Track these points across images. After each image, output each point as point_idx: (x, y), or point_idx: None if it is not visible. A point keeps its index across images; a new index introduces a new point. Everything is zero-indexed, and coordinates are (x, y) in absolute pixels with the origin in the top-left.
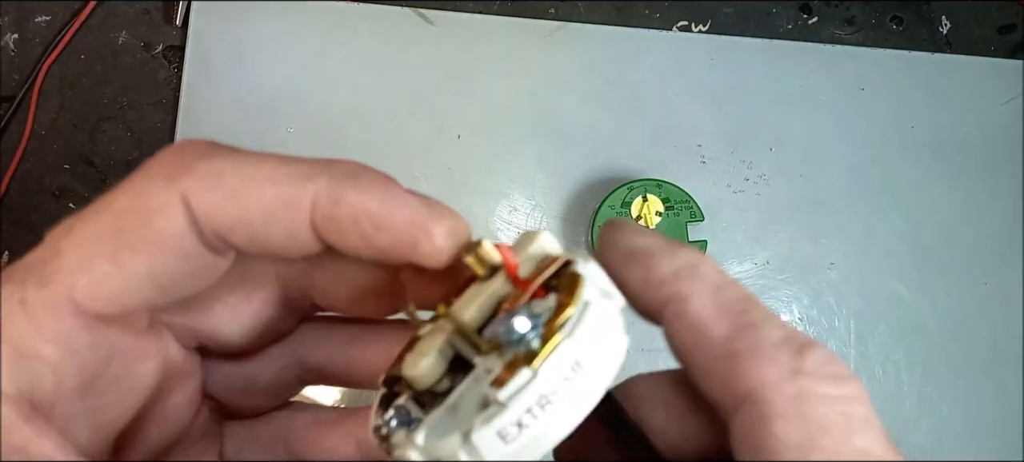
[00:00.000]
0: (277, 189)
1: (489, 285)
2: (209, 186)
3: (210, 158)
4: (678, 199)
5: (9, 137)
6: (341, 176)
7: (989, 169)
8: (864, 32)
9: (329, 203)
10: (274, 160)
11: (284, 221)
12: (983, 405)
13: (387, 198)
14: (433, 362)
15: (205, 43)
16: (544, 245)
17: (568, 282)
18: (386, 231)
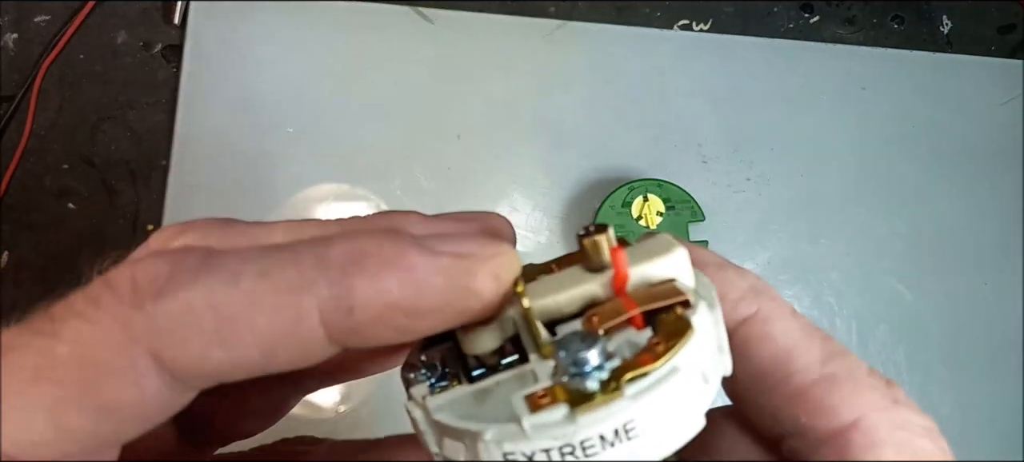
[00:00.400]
0: (269, 319)
1: (587, 281)
2: (181, 337)
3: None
4: (679, 199)
5: (9, 137)
6: (342, 271)
7: (989, 169)
8: (865, 31)
9: (340, 315)
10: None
11: (290, 349)
12: (983, 405)
13: (408, 277)
14: (487, 336)
15: (204, 42)
16: (675, 267)
17: (672, 327)
18: (422, 315)
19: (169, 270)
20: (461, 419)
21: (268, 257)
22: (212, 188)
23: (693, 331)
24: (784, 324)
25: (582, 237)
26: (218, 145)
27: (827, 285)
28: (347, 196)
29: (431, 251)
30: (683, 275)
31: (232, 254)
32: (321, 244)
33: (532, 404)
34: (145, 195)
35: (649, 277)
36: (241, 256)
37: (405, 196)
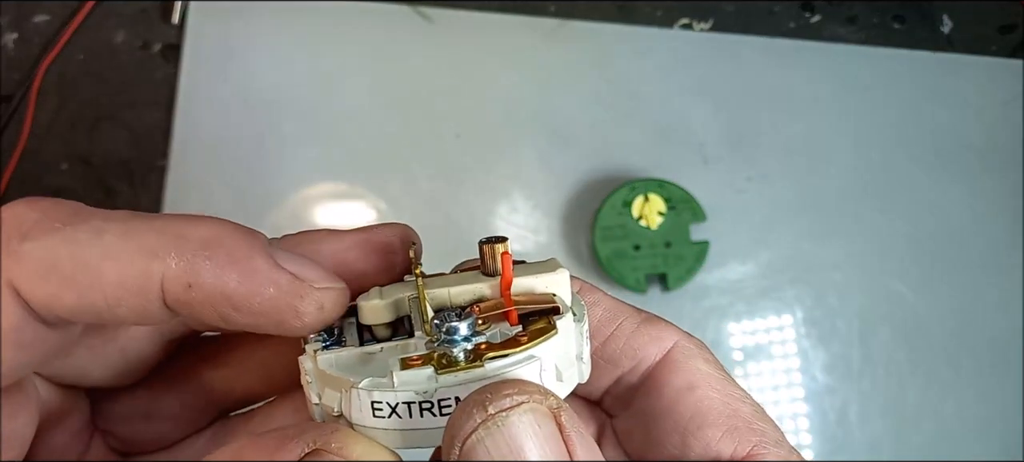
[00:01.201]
0: (119, 272)
1: (479, 281)
2: (40, 274)
3: (38, 237)
4: (680, 199)
5: (8, 136)
6: (194, 252)
7: (990, 169)
8: (866, 31)
9: (180, 288)
10: (117, 230)
11: (131, 305)
12: (984, 406)
13: (248, 278)
14: (381, 308)
15: (202, 42)
16: (557, 284)
17: (539, 327)
18: (247, 313)
19: (37, 217)
20: (341, 371)
21: (133, 221)
22: (210, 188)
23: (556, 332)
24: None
25: (483, 244)
26: (216, 145)
27: (829, 285)
28: (346, 196)
29: (275, 264)
30: (563, 293)
31: (101, 213)
32: (188, 221)
33: (404, 364)
34: (143, 195)
35: (533, 288)
36: (107, 215)
37: (405, 196)
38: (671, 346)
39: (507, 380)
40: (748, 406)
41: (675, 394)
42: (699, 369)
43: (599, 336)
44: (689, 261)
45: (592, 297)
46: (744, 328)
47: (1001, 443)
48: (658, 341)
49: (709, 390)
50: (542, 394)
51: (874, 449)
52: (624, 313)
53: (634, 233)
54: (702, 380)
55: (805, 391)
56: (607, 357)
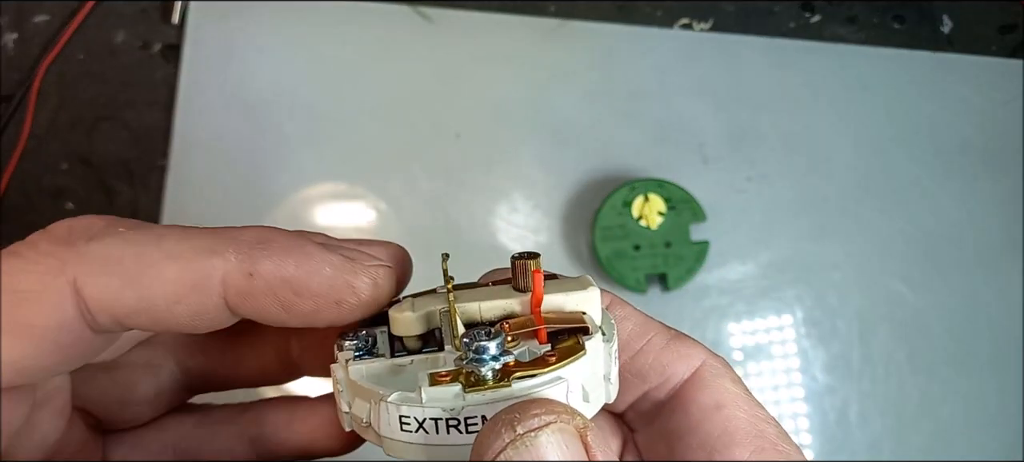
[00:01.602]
0: (181, 269)
1: (510, 297)
2: (103, 270)
3: (102, 239)
4: (680, 198)
5: (8, 137)
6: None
7: (990, 169)
8: (866, 31)
9: (242, 277)
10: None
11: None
12: (985, 405)
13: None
14: (412, 321)
15: (203, 42)
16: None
17: (568, 347)
18: (307, 295)
19: (104, 224)
20: (371, 382)
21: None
22: (210, 188)
23: (584, 352)
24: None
25: (515, 260)
26: (216, 145)
27: (829, 285)
28: (346, 196)
29: (327, 248)
30: (593, 311)
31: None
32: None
33: (433, 380)
34: (143, 195)
35: (563, 306)
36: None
37: (404, 196)
38: (699, 364)
39: (535, 399)
40: (773, 427)
41: (702, 412)
42: (727, 389)
43: (628, 350)
44: (689, 261)
45: (622, 311)
46: (744, 328)
47: (1001, 443)
48: (687, 359)
49: (737, 410)
50: (570, 414)
51: (874, 449)
52: (653, 329)
53: (634, 233)
54: (730, 399)
55: (805, 391)
56: (636, 372)
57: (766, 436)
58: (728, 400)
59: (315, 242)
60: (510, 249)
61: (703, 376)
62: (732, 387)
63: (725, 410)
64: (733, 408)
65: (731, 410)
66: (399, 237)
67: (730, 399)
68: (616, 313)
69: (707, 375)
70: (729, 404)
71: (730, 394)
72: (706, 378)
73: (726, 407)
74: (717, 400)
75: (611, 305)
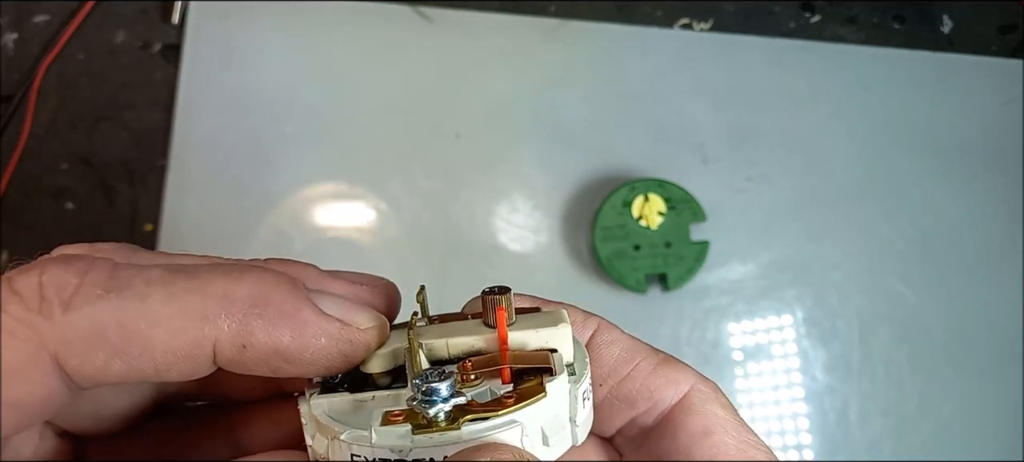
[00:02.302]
0: (170, 338)
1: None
2: (87, 346)
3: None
4: (680, 199)
5: (8, 137)
6: (244, 311)
7: (990, 169)
8: (866, 31)
9: (235, 350)
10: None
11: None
12: (985, 405)
13: (300, 331)
14: (378, 358)
15: (203, 42)
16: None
17: (529, 389)
18: (299, 364)
19: (77, 281)
20: (330, 418)
21: (175, 281)
22: (210, 188)
23: (545, 395)
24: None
25: (484, 295)
26: (216, 145)
27: (829, 285)
28: (346, 196)
29: (322, 313)
30: (564, 348)
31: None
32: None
33: (386, 419)
34: (143, 195)
35: (529, 343)
36: (147, 276)
37: (404, 196)
38: (688, 389)
39: (483, 445)
40: (763, 453)
41: (691, 439)
42: (716, 414)
43: (615, 376)
44: (689, 261)
45: (609, 336)
46: (744, 328)
47: (1001, 443)
48: (674, 384)
49: (725, 436)
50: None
51: (874, 449)
52: (641, 353)
53: (634, 233)
54: (718, 425)
55: (805, 391)
56: (623, 397)
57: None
58: (716, 426)
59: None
60: (510, 249)
61: (691, 401)
62: (721, 412)
63: (713, 436)
64: (721, 434)
65: (719, 436)
66: (399, 237)
67: (718, 425)
68: (602, 337)
69: (695, 400)
70: (717, 430)
71: (718, 419)
72: (694, 403)
73: (714, 433)
74: (705, 426)
75: (598, 330)
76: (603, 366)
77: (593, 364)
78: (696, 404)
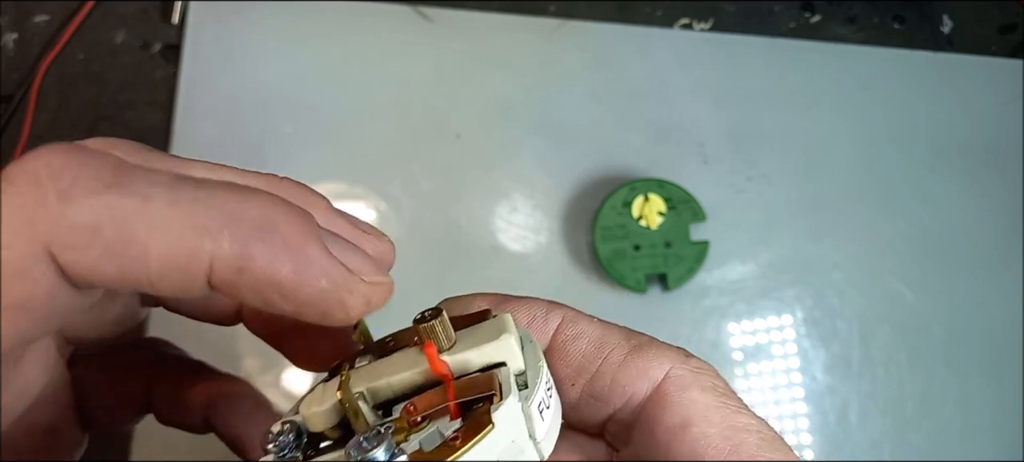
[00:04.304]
0: (167, 247)
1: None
2: (82, 242)
3: (79, 199)
4: (680, 198)
5: (8, 137)
6: (248, 234)
7: (990, 169)
8: (866, 31)
9: (230, 272)
10: (164, 198)
11: (174, 281)
12: (984, 406)
13: (302, 267)
14: (322, 415)
15: (203, 42)
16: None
17: (474, 422)
18: (293, 302)
19: (76, 172)
20: None
21: (181, 188)
22: None
23: (492, 427)
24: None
25: (417, 323)
26: (216, 145)
27: (829, 285)
28: (346, 196)
29: (328, 253)
30: (512, 360)
31: (144, 173)
32: (240, 195)
33: None
34: None
35: (472, 363)
36: (152, 178)
37: (404, 196)
38: (661, 378)
39: None
40: (754, 436)
41: (669, 434)
42: (694, 401)
43: (584, 373)
44: (689, 261)
45: (575, 329)
46: (744, 328)
47: (1001, 443)
48: (645, 374)
49: (707, 426)
50: None
51: (874, 449)
52: (611, 343)
53: (634, 233)
54: (698, 414)
55: (805, 391)
56: (596, 395)
57: (744, 448)
58: (696, 415)
59: (319, 241)
60: (510, 249)
61: (666, 392)
62: (701, 397)
63: (693, 429)
64: (702, 424)
65: (701, 427)
66: (399, 237)
67: (698, 414)
68: (567, 332)
69: (671, 390)
70: (697, 420)
71: (698, 407)
72: (670, 394)
73: (694, 424)
74: (683, 418)
75: (563, 323)
76: (571, 364)
77: (561, 364)
78: (672, 394)
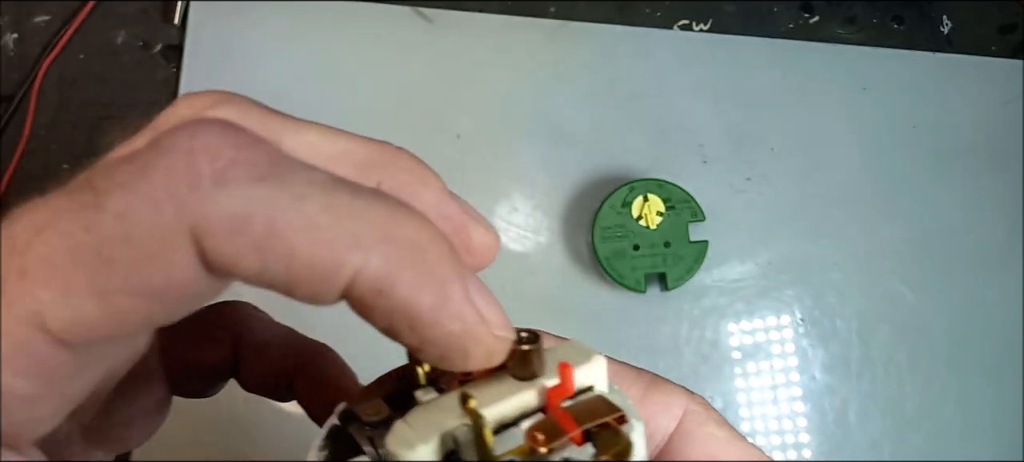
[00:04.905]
0: (313, 254)
1: (522, 390)
2: (230, 230)
3: (233, 186)
4: (679, 199)
5: (8, 137)
6: (399, 256)
7: (990, 169)
8: (865, 31)
9: (370, 292)
10: (319, 201)
11: (310, 287)
12: (984, 406)
13: (441, 306)
14: (431, 451)
15: (203, 42)
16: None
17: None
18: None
19: (233, 155)
20: None
21: (337, 192)
22: None
23: (632, 448)
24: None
25: (518, 344)
26: None
27: (829, 285)
28: None
29: (467, 294)
30: (599, 382)
31: (302, 168)
32: (394, 211)
33: None
34: None
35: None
36: (310, 176)
37: None
38: (681, 413)
39: None
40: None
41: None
42: (715, 436)
43: None
44: (688, 261)
45: None
46: (743, 328)
47: (1001, 443)
48: (667, 409)
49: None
50: None
51: (874, 449)
52: (628, 379)
53: (634, 233)
54: (720, 449)
55: (804, 391)
56: None
57: None
58: (718, 450)
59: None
60: (510, 249)
61: (688, 428)
62: (718, 432)
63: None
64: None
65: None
66: None
67: (720, 448)
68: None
69: (692, 426)
70: (720, 453)
71: (719, 441)
72: (691, 430)
73: (718, 457)
74: (707, 452)
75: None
76: None
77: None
78: (693, 430)
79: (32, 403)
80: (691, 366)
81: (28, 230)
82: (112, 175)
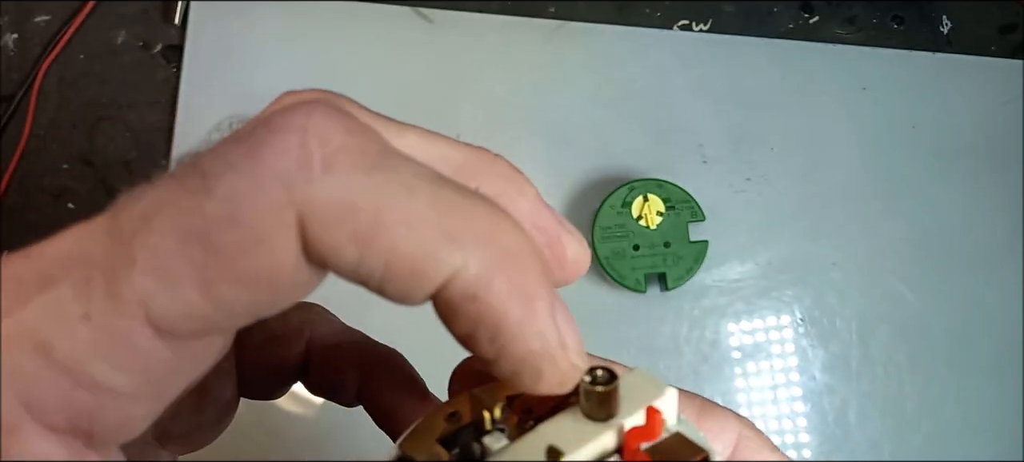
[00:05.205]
0: (414, 248)
1: (600, 432)
2: (335, 218)
3: (341, 173)
4: (679, 199)
5: (8, 137)
6: (498, 261)
7: (990, 169)
8: (865, 31)
9: (462, 295)
10: (426, 196)
11: (401, 283)
12: (985, 406)
13: (528, 319)
14: None
15: (204, 42)
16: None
17: None
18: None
19: (343, 141)
20: None
21: (444, 191)
22: None
23: None
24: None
25: (592, 385)
26: None
27: (828, 285)
28: None
29: (552, 315)
30: (669, 415)
31: (409, 162)
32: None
33: None
34: None
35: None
36: (417, 169)
37: None
38: (735, 438)
39: None
40: None
41: None
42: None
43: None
44: (688, 261)
45: None
46: (743, 328)
47: (1001, 443)
48: (721, 435)
49: None
50: None
51: (873, 449)
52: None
53: (633, 233)
54: None
55: (804, 391)
56: None
57: None
58: None
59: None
60: None
61: (744, 455)
62: (774, 457)
63: None
64: None
65: None
66: None
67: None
68: None
69: (747, 452)
70: None
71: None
72: (748, 457)
73: None
74: None
75: None
76: None
77: None
78: (750, 457)
79: (129, 401)
80: (691, 366)
81: (135, 219)
82: (221, 156)
